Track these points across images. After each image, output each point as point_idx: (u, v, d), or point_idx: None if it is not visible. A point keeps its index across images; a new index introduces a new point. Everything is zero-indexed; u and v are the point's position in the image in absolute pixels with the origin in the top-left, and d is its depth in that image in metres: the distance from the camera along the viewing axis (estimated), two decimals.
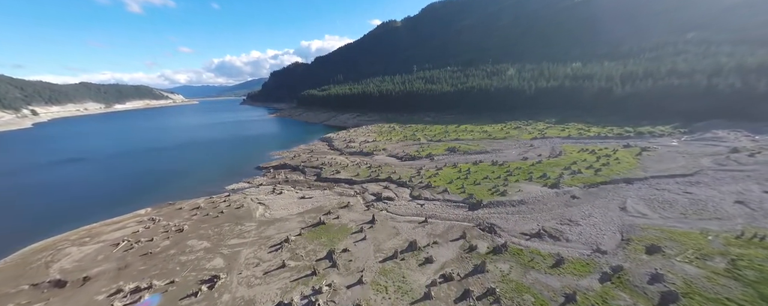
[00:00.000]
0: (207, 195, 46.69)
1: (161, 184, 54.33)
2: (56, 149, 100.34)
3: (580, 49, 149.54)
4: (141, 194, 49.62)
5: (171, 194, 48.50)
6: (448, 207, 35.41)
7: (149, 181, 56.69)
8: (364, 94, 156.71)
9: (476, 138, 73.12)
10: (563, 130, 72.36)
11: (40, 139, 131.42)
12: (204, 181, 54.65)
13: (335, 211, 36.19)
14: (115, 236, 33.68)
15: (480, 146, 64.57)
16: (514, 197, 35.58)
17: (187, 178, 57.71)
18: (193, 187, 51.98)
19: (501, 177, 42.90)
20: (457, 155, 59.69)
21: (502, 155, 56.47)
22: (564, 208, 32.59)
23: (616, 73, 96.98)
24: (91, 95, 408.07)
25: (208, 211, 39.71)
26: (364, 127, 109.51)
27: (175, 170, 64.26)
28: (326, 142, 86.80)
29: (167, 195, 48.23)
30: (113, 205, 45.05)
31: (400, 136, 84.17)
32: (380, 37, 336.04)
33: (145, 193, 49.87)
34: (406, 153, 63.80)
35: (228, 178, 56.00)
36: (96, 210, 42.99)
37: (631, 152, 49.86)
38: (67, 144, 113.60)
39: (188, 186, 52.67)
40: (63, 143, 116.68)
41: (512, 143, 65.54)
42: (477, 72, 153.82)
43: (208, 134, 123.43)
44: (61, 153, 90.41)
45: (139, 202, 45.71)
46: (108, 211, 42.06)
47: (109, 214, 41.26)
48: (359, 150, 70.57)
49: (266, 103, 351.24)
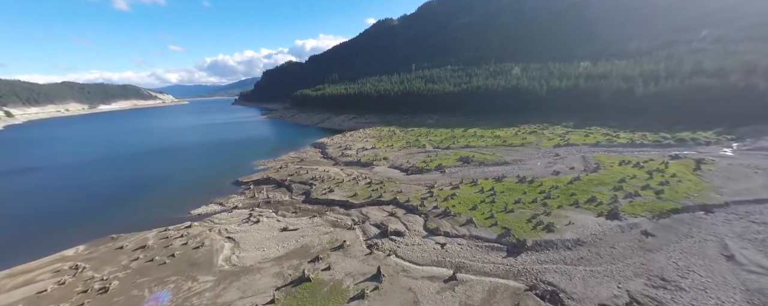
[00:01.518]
0: (163, 225, 36.65)
1: (112, 207, 43.98)
2: (9, 156, 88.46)
3: (585, 47, 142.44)
4: (81, 222, 39.33)
5: (119, 222, 38.35)
6: (480, 249, 26.22)
7: (98, 202, 46.22)
8: (361, 95, 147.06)
9: (489, 145, 64.19)
10: (587, 136, 63.92)
11: (4, 143, 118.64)
12: (166, 202, 44.52)
13: (326, 256, 26.68)
14: (10, 301, 23.60)
15: (496, 155, 55.64)
16: (566, 235, 26.56)
17: (147, 198, 47.41)
18: (151, 210, 41.86)
19: (537, 201, 33.90)
20: (473, 167, 50.63)
21: (526, 168, 47.59)
22: (642, 253, 23.68)
23: (634, 72, 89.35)
24: (73, 95, 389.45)
25: (156, 252, 29.79)
26: (361, 131, 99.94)
27: (137, 186, 53.80)
28: (319, 149, 77.01)
29: (114, 223, 38.08)
30: (38, 239, 34.78)
31: (402, 143, 74.83)
32: (376, 35, 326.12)
33: (87, 220, 39.60)
34: (411, 164, 54.50)
35: (198, 197, 45.96)
36: (11, 247, 32.73)
37: (685, 166, 41.42)
38: (26, 150, 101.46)
39: (144, 209, 42.49)
40: (22, 149, 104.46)
41: (533, 152, 56.78)
42: (479, 71, 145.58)
43: (190, 138, 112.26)
44: (10, 162, 78.79)
45: (74, 234, 35.47)
46: (27, 250, 31.80)
47: (28, 253, 31.02)
48: (356, 159, 61.02)
49: (259, 104, 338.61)
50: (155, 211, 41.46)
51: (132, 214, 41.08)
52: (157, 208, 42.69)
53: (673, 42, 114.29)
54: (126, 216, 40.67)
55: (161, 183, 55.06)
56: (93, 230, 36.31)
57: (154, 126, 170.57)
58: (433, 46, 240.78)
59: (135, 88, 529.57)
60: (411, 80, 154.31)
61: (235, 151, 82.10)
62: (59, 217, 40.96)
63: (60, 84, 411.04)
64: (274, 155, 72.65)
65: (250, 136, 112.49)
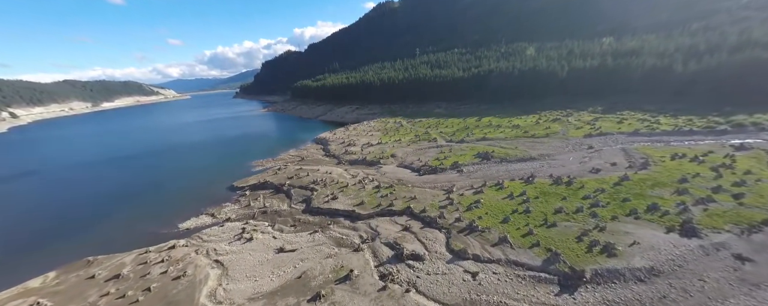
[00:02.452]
0: (147, 242, 32.14)
1: (93, 222, 39.65)
2: (9, 159, 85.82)
3: (606, 22, 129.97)
4: (58, 240, 35.20)
5: (98, 240, 34.14)
6: (523, 281, 20.70)
7: (79, 217, 41.91)
8: (363, 84, 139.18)
9: (509, 137, 57.47)
10: (622, 123, 56.49)
11: (2, 146, 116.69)
12: (153, 215, 40.02)
13: (329, 291, 21.59)
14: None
15: (519, 149, 49.16)
16: (634, 261, 20.73)
17: (133, 209, 43.05)
18: (134, 226, 37.41)
19: (583, 210, 27.87)
20: (494, 165, 44.45)
21: (557, 164, 41.19)
22: (746, 289, 17.79)
23: (669, 48, 79.53)
24: (76, 94, 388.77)
25: (130, 284, 25.23)
26: (365, 123, 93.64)
27: (124, 195, 49.42)
28: (321, 146, 71.46)
29: (93, 241, 33.90)
30: (5, 264, 30.74)
31: (410, 136, 68.50)
32: (377, 20, 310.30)
33: (65, 239, 35.44)
34: (423, 162, 48.57)
35: (188, 206, 41.34)
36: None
37: (757, 159, 34.44)
38: (25, 153, 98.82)
39: (128, 224, 38.07)
40: (23, 152, 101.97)
41: (561, 144, 50.03)
42: (489, 53, 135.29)
43: (187, 137, 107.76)
44: (8, 166, 75.88)
45: (47, 256, 31.33)
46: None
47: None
48: (362, 157, 55.35)
49: (259, 96, 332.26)
50: (139, 226, 37.01)
51: (114, 230, 36.77)
52: (141, 222, 38.19)
53: (710, 12, 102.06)
54: (108, 232, 36.42)
55: (150, 191, 50.61)
56: (69, 251, 32.06)
57: (153, 124, 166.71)
58: (437, 28, 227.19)
59: (137, 85, 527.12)
60: (416, 66, 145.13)
61: (233, 150, 77.16)
62: (35, 237, 36.86)
63: (62, 82, 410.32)
64: (273, 154, 67.47)
65: (249, 132, 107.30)
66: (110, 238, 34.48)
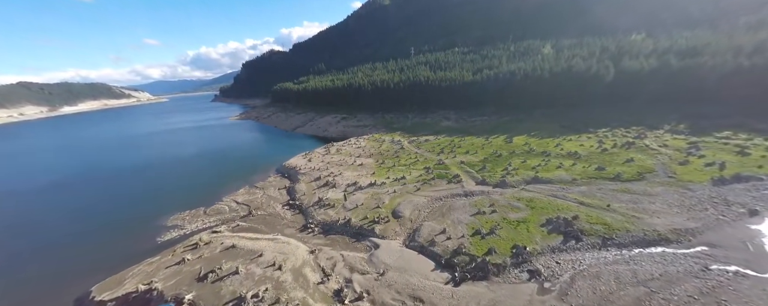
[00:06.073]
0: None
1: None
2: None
3: (632, 16, 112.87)
4: None
5: None
6: None
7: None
8: (352, 87, 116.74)
9: (577, 176, 36.42)
10: (744, 155, 36.61)
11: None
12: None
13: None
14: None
15: (620, 211, 28.18)
16: None
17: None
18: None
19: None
20: (593, 252, 23.18)
21: (725, 255, 20.30)
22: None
23: (747, 46, 61.23)
24: (30, 97, 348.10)
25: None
26: (352, 142, 71.28)
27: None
28: (287, 181, 48.71)
29: None
30: None
31: (418, 169, 46.34)
32: (366, 17, 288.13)
33: None
34: (453, 238, 26.67)
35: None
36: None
37: None
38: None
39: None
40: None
41: (681, 197, 29.43)
42: (497, 52, 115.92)
43: (121, 159, 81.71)
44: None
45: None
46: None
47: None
48: (344, 219, 32.96)
49: (240, 100, 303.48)
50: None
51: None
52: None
53: (757, 4, 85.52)
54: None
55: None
56: None
57: (93, 136, 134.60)
58: (434, 25, 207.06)
59: (105, 87, 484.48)
60: (413, 67, 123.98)
61: (151, 191, 51.79)
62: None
63: (15, 85, 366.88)
64: (208, 198, 43.86)
65: (200, 152, 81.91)
66: None
